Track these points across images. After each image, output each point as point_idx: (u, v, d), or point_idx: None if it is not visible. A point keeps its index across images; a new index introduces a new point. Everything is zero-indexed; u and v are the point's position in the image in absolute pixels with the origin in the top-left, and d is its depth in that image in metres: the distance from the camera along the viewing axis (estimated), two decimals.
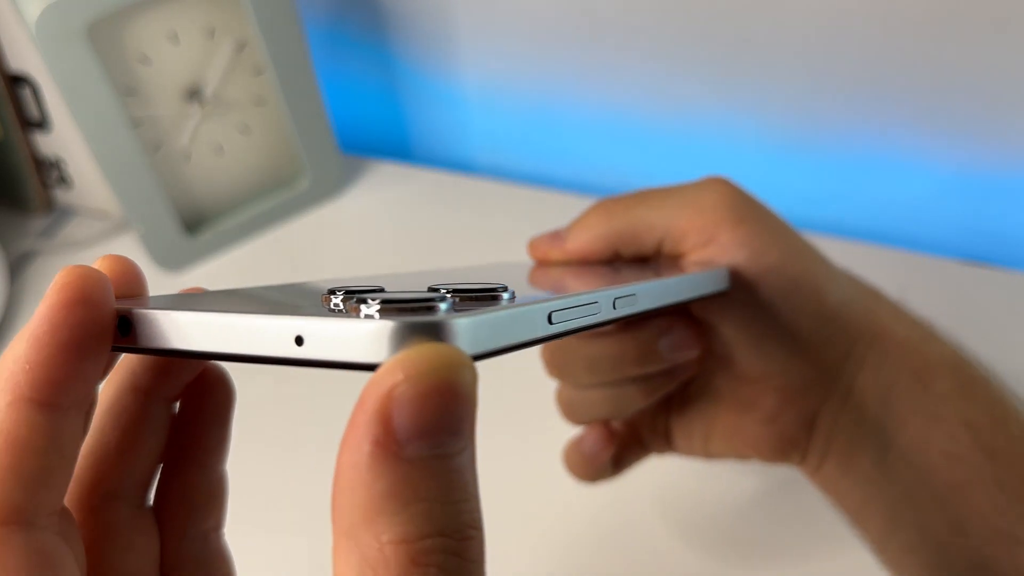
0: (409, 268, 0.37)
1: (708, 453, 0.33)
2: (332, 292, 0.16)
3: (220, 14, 0.54)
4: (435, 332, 0.13)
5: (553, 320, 0.17)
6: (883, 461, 0.29)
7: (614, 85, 0.61)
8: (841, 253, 0.56)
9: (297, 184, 0.62)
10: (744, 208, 0.29)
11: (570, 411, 0.33)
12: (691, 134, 0.61)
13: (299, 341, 0.14)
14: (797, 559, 0.39)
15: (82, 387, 0.16)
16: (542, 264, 0.32)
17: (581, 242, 0.31)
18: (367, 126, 0.73)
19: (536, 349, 0.27)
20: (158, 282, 0.58)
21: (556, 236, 0.32)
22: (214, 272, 0.59)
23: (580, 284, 0.23)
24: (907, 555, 0.30)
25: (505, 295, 0.16)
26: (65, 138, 0.60)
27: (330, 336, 0.14)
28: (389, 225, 0.61)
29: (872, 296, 0.31)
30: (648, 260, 0.31)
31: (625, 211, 0.31)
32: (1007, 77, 0.50)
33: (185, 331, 0.16)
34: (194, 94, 0.56)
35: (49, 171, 0.63)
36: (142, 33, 0.52)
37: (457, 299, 0.16)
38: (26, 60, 0.57)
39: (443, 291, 0.16)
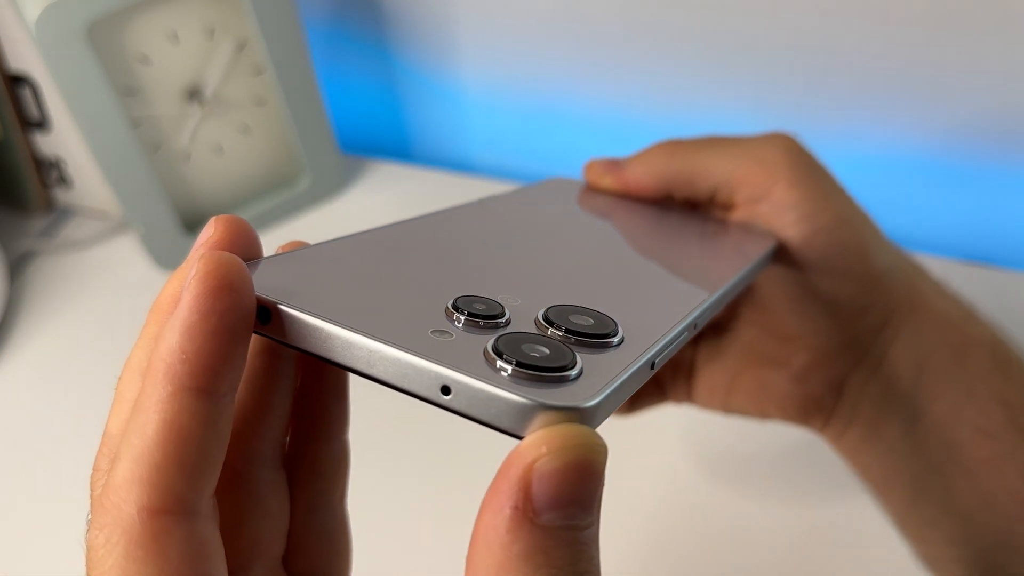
0: None
1: (728, 407, 0.33)
2: (457, 309, 0.17)
3: (220, 14, 0.54)
4: (576, 416, 0.15)
5: (655, 366, 0.18)
6: (911, 433, 0.29)
7: (614, 85, 0.61)
8: None
9: (297, 184, 0.62)
10: (803, 168, 0.29)
11: None
12: (690, 133, 0.61)
13: (445, 391, 0.15)
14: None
15: (234, 372, 0.16)
16: (592, 188, 0.32)
17: (638, 176, 0.31)
18: (367, 126, 0.73)
19: None
20: (156, 281, 0.58)
21: (615, 164, 0.32)
22: None
23: (653, 282, 0.24)
24: (929, 528, 0.29)
25: (615, 339, 0.17)
26: (65, 138, 0.60)
27: (476, 397, 0.15)
28: None
29: (916, 270, 0.31)
30: (697, 208, 0.31)
31: (687, 153, 0.31)
32: (1007, 77, 0.50)
33: (330, 344, 0.16)
34: (194, 94, 0.56)
35: (49, 171, 0.63)
36: (142, 33, 0.52)
37: (578, 348, 0.17)
38: (26, 60, 0.57)
39: (564, 342, 0.17)
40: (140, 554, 0.15)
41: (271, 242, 0.21)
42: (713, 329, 0.33)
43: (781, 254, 0.29)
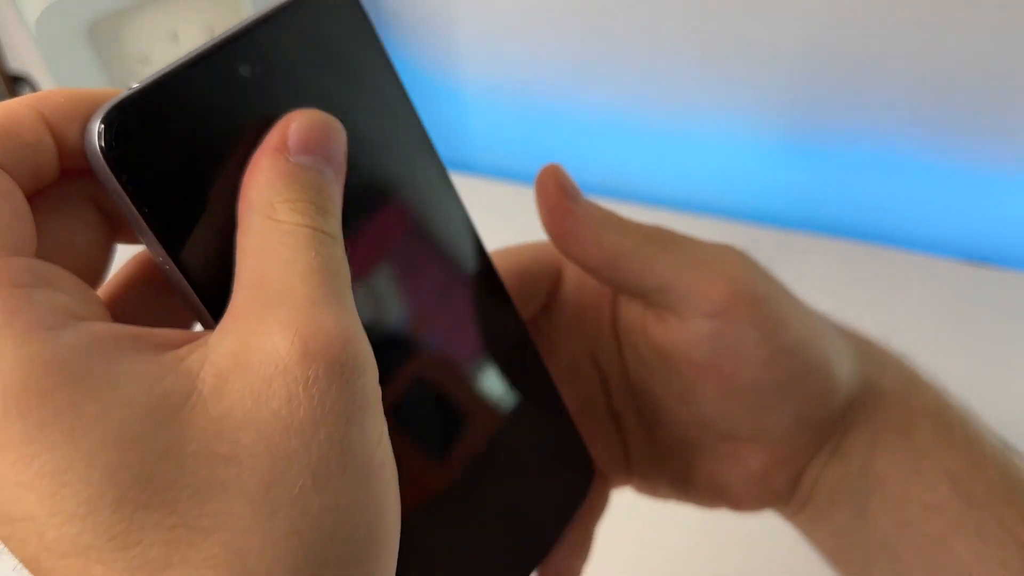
0: None
1: (673, 498, 0.32)
2: None
3: (220, 13, 0.54)
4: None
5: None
6: (863, 512, 0.29)
7: (614, 85, 0.61)
8: (840, 253, 0.56)
9: None
10: (763, 285, 0.27)
11: None
12: (691, 134, 0.61)
13: None
14: None
15: None
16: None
17: (587, 247, 0.27)
18: None
19: None
20: None
21: (565, 205, 0.27)
22: None
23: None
24: None
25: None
26: None
27: None
28: None
29: (864, 355, 0.30)
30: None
31: (636, 239, 0.27)
32: (1006, 77, 0.50)
33: None
34: None
35: None
36: (142, 33, 0.52)
37: None
38: (26, 60, 0.57)
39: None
40: None
41: None
42: (652, 426, 0.31)
43: (743, 377, 0.27)
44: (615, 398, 0.31)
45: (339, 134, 0.20)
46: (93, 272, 0.21)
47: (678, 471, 0.31)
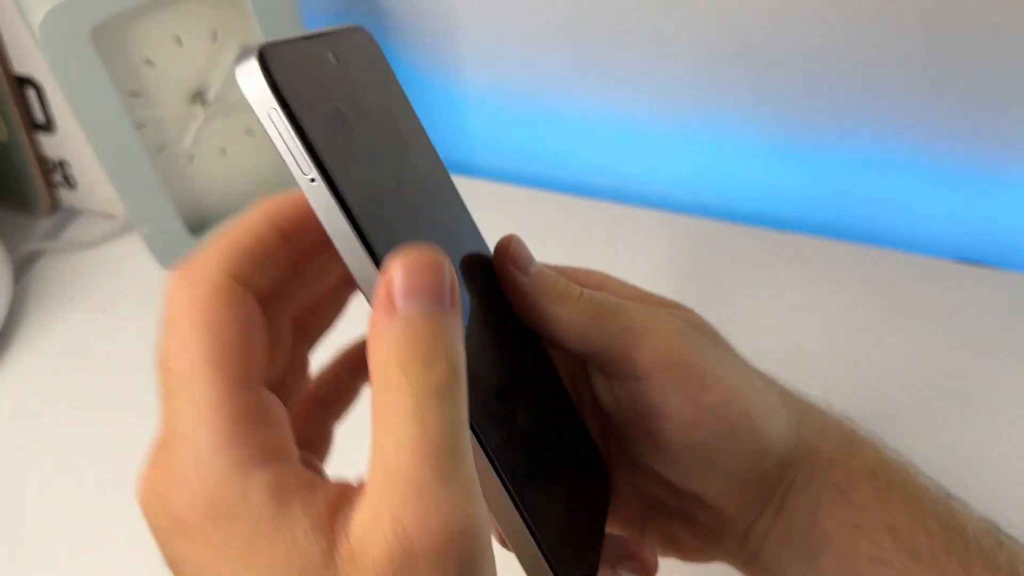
0: None
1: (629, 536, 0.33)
2: None
3: (223, 17, 0.54)
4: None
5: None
6: (814, 569, 0.30)
7: (614, 88, 0.61)
8: (837, 255, 0.56)
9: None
10: (689, 350, 0.28)
11: None
12: (690, 136, 0.62)
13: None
14: None
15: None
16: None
17: (527, 321, 0.28)
18: None
19: None
20: (160, 282, 0.59)
21: (514, 281, 0.28)
22: None
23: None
24: None
25: None
26: (70, 140, 0.60)
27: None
28: None
29: (803, 416, 0.31)
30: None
31: (573, 316, 0.28)
32: (1000, 77, 0.50)
33: None
34: (197, 96, 0.56)
35: (54, 173, 0.63)
36: (146, 36, 0.52)
37: None
38: (31, 63, 0.57)
39: None
40: (217, 306, 0.20)
41: None
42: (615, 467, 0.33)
43: (667, 432, 0.28)
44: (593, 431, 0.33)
45: (441, 266, 0.20)
46: (286, 385, 0.25)
47: (635, 516, 0.33)
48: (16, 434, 0.51)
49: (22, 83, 0.59)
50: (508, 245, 0.28)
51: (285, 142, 0.20)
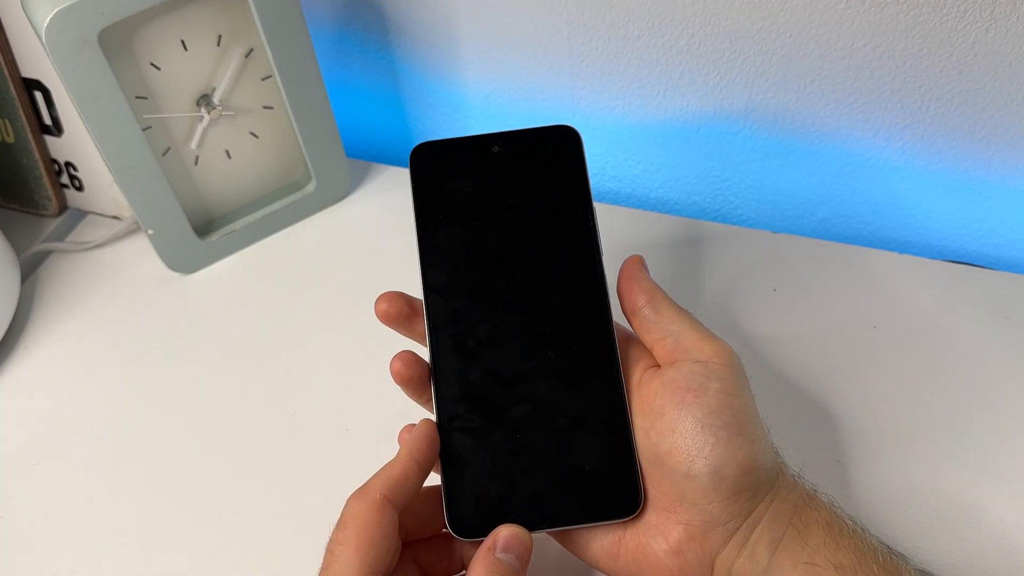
0: (414, 271, 0.38)
1: (614, 570, 0.37)
2: None
3: (228, 21, 0.55)
4: None
5: None
6: None
7: (614, 90, 0.61)
8: (835, 256, 0.57)
9: (304, 188, 0.63)
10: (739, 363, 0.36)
11: None
12: (688, 137, 0.62)
13: None
14: None
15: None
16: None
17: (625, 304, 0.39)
18: (373, 131, 0.74)
19: None
20: (166, 283, 0.60)
21: (636, 275, 0.40)
22: (223, 274, 0.60)
23: None
24: None
25: None
26: (77, 142, 0.61)
27: None
28: (394, 228, 0.62)
29: (780, 469, 0.36)
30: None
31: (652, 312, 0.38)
32: (996, 79, 0.51)
33: None
34: (203, 99, 0.57)
35: (61, 174, 0.64)
36: (152, 40, 0.53)
37: None
38: (39, 66, 0.58)
39: None
40: (376, 518, 0.32)
41: (279, 244, 0.22)
42: None
43: (701, 401, 0.35)
44: None
45: (527, 541, 0.34)
46: None
47: (618, 540, 0.36)
48: (24, 431, 0.51)
49: (30, 86, 0.59)
50: (640, 259, 0.40)
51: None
